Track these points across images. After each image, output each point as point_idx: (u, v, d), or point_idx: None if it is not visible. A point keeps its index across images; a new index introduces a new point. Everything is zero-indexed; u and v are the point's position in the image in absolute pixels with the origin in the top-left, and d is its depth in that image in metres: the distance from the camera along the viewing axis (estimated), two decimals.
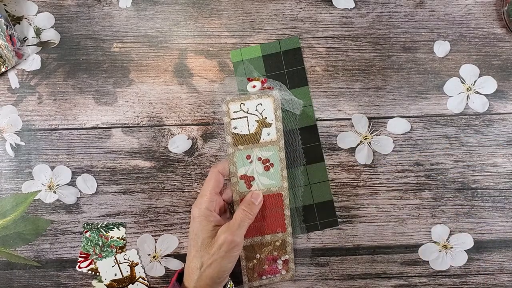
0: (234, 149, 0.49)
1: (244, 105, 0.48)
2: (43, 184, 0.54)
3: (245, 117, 0.49)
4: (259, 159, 0.49)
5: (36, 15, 0.54)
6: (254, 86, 0.50)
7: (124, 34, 0.55)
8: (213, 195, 0.48)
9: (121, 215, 0.54)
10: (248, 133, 0.49)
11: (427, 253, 0.54)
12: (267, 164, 0.50)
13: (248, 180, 0.50)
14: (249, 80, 0.50)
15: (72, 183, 0.54)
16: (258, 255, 0.51)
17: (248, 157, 0.49)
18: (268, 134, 0.49)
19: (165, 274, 0.54)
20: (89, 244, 0.54)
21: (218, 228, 0.47)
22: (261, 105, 0.48)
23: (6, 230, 0.54)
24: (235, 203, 0.50)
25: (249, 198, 0.49)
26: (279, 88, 0.51)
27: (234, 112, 0.48)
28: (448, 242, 0.54)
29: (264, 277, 0.52)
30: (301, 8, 0.55)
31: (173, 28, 0.55)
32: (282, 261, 0.52)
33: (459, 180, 0.55)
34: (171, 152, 0.54)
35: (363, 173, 0.54)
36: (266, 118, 0.49)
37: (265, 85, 0.50)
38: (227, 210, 0.52)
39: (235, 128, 0.49)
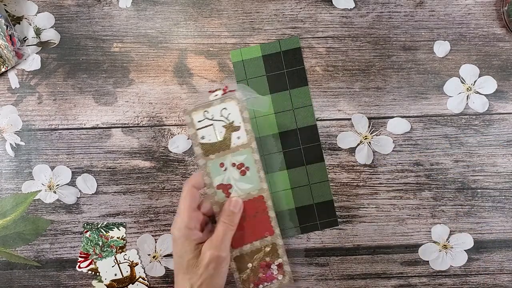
0: (205, 159, 0.46)
1: (207, 112, 0.46)
2: (43, 184, 0.54)
3: (211, 124, 0.46)
4: (233, 164, 0.47)
5: (36, 15, 0.55)
6: (216, 95, 0.47)
7: (124, 34, 0.55)
8: (190, 212, 0.45)
9: (121, 215, 0.54)
10: (217, 141, 0.47)
11: (427, 253, 0.54)
12: (243, 168, 0.47)
13: (226, 188, 0.47)
14: (211, 92, 0.48)
15: (72, 183, 0.54)
16: (250, 264, 0.49)
17: (222, 165, 0.47)
18: (238, 137, 0.47)
19: (165, 274, 0.54)
20: (89, 244, 0.54)
21: (202, 245, 0.45)
22: (226, 109, 0.46)
23: (6, 230, 0.54)
24: (216, 214, 0.47)
25: (228, 207, 0.46)
26: (242, 89, 0.48)
27: (199, 121, 0.46)
28: (448, 242, 0.54)
29: (260, 286, 0.50)
30: (301, 8, 0.55)
31: (173, 28, 0.55)
32: (276, 265, 0.50)
33: (459, 180, 0.55)
34: (171, 152, 0.54)
35: (363, 173, 0.54)
36: (233, 122, 0.46)
37: (227, 90, 0.48)
38: (209, 223, 0.49)
39: (203, 138, 0.46)
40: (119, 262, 0.54)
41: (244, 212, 0.48)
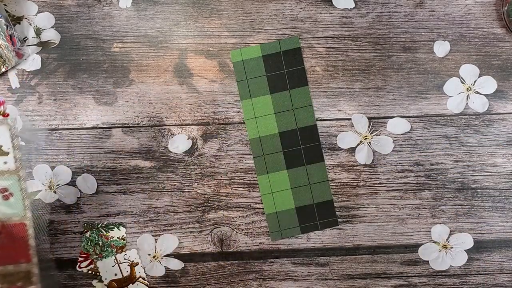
0: None
1: None
2: (43, 184, 0.54)
3: None
4: None
5: (36, 15, 0.55)
6: None
7: (124, 34, 0.55)
8: None
9: (121, 215, 0.54)
10: None
11: (427, 253, 0.54)
12: (6, 193, 0.46)
13: None
14: None
15: (72, 183, 0.54)
16: None
17: None
18: (5, 162, 0.45)
19: (165, 274, 0.54)
20: (89, 244, 0.54)
21: None
22: None
23: None
24: None
25: None
26: (18, 117, 0.46)
27: None
28: (448, 242, 0.54)
29: None
30: (301, 8, 0.55)
31: (173, 28, 0.55)
32: None
33: (459, 180, 0.55)
34: (171, 152, 0.54)
35: (363, 173, 0.55)
36: (1, 146, 0.45)
37: (1, 108, 0.46)
38: None
39: None
40: (119, 262, 0.54)
41: (2, 235, 0.46)
